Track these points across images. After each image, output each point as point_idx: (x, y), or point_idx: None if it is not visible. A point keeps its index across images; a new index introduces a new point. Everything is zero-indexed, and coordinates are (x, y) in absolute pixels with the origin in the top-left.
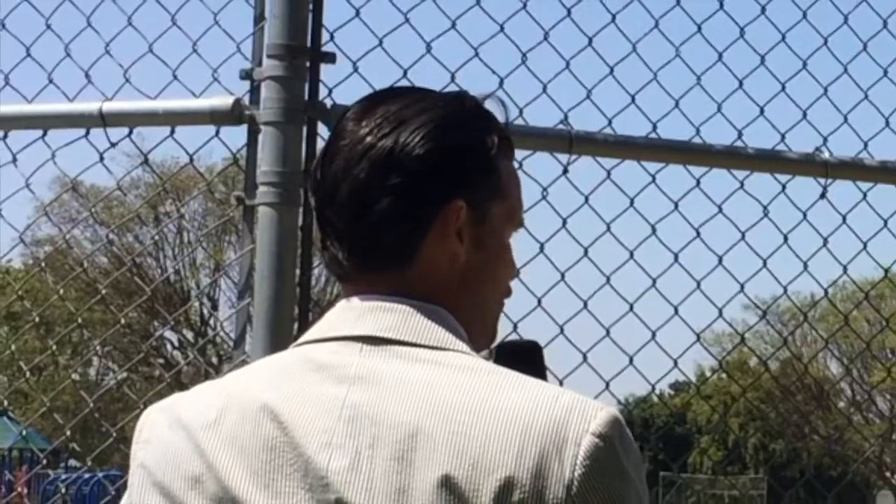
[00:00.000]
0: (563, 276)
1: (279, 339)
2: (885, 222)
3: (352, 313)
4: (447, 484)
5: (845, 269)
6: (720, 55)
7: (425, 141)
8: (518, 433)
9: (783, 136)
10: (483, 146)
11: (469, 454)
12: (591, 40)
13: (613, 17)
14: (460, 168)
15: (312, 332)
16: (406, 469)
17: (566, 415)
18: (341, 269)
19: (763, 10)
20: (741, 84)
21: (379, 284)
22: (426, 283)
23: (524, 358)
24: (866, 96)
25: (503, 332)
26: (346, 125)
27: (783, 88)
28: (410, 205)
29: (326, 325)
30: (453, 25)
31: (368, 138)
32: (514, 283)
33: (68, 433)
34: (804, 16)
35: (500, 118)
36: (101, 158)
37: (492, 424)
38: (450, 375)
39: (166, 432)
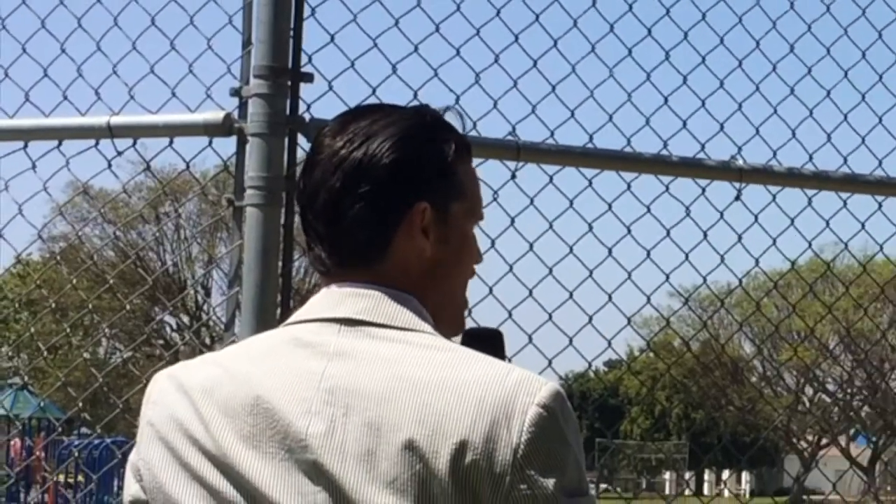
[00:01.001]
0: (511, 267)
1: (264, 322)
2: (792, 221)
3: (331, 299)
4: (410, 447)
5: (757, 261)
6: (648, 75)
7: (390, 152)
8: (473, 404)
9: (703, 146)
10: (442, 153)
11: (430, 421)
12: (535, 63)
13: (555, 42)
14: (422, 174)
15: (297, 315)
16: (375, 434)
17: (515, 388)
18: (324, 266)
19: (685, 35)
20: (666, 101)
21: (356, 277)
22: (398, 276)
23: (488, 343)
24: (775, 111)
25: None
26: (324, 140)
27: (703, 105)
28: (379, 209)
29: (309, 308)
30: (415, 50)
31: (342, 151)
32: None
33: (80, 404)
34: (721, 41)
35: (458, 127)
36: (109, 165)
37: (450, 396)
38: (415, 352)
39: (172, 396)
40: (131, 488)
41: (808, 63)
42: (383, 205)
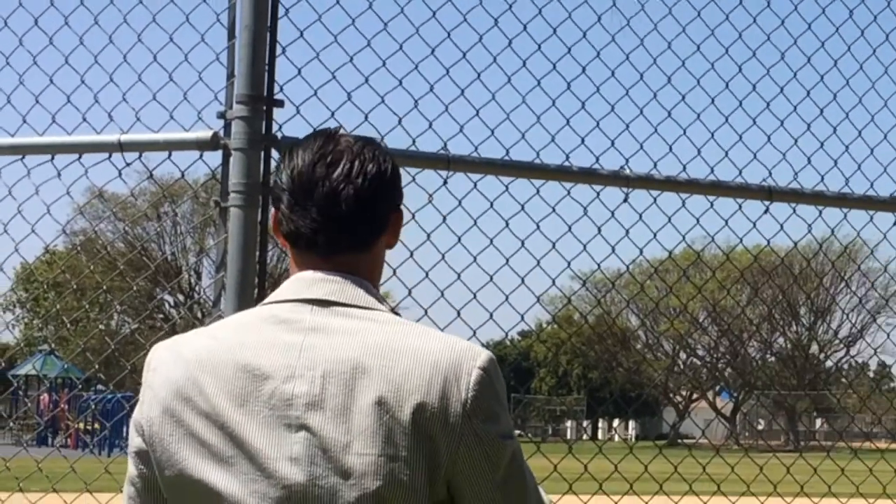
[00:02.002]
0: (443, 256)
1: (244, 300)
2: (669, 219)
3: (302, 283)
4: (379, 403)
5: (641, 251)
6: (553, 102)
7: (392, 165)
8: (429, 367)
9: (597, 158)
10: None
11: (394, 382)
12: (462, 92)
13: (479, 75)
14: (399, 185)
15: (273, 297)
16: (349, 393)
17: (461, 355)
18: (314, 246)
19: (583, 69)
20: (568, 122)
21: (335, 264)
22: (367, 265)
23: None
24: (655, 130)
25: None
26: (327, 148)
27: (598, 125)
28: (384, 213)
29: (283, 291)
30: (366, 81)
31: (357, 160)
32: (408, 261)
33: (96, 366)
34: (612, 74)
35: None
36: (119, 174)
37: (410, 361)
38: (377, 327)
39: (169, 364)
40: (135, 441)
41: (681, 90)
42: (385, 213)
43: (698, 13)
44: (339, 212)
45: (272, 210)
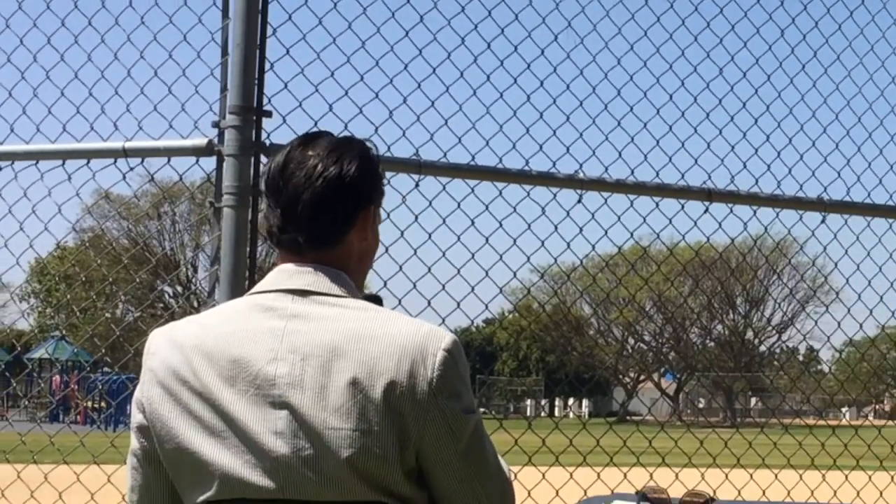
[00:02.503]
0: (415, 251)
1: (236, 291)
2: (619, 218)
3: (284, 275)
4: (353, 382)
5: (593, 247)
6: (514, 112)
7: (357, 169)
8: (398, 350)
9: (554, 163)
10: (377, 170)
11: (367, 364)
12: (433, 103)
13: (447, 88)
14: (373, 184)
15: (258, 287)
16: (326, 374)
17: (427, 338)
18: (295, 244)
19: (541, 83)
20: (528, 130)
21: (312, 257)
22: (341, 258)
23: (375, 301)
24: (606, 138)
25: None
26: (297, 153)
27: (554, 133)
28: (347, 211)
29: (266, 282)
30: (346, 93)
31: (320, 165)
32: (384, 256)
33: (103, 350)
34: (567, 87)
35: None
36: (124, 177)
37: (381, 344)
38: (351, 314)
39: (166, 348)
40: (136, 418)
41: (630, 102)
42: (350, 209)
43: (644, 33)
44: (298, 213)
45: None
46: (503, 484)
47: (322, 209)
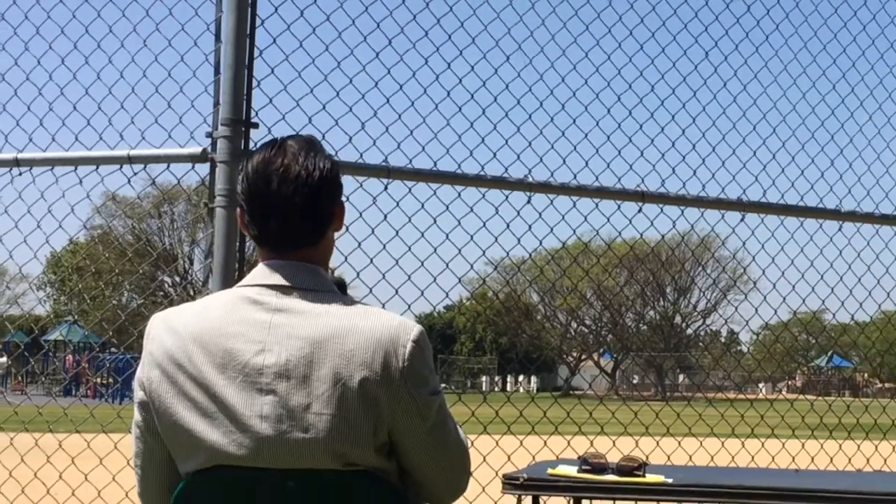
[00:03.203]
0: (384, 246)
1: (227, 281)
2: (563, 217)
3: (268, 270)
4: (334, 372)
5: (541, 242)
6: (472, 124)
7: (331, 171)
8: (373, 343)
9: (506, 168)
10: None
11: (345, 355)
12: (400, 116)
13: (412, 103)
14: (340, 185)
15: (244, 281)
16: (309, 364)
17: (398, 331)
18: (278, 243)
19: (495, 98)
20: (483, 140)
21: (293, 254)
22: (318, 255)
23: (341, 287)
24: (552, 147)
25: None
26: (273, 156)
27: (507, 142)
28: (329, 207)
29: (252, 277)
30: (324, 108)
31: (307, 166)
32: (357, 250)
33: (110, 333)
34: (518, 102)
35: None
36: (129, 181)
37: (358, 338)
38: (330, 309)
39: (164, 333)
40: (138, 394)
41: (573, 115)
42: (331, 206)
43: (586, 54)
44: (295, 220)
45: (238, 210)
46: (462, 452)
47: (310, 215)
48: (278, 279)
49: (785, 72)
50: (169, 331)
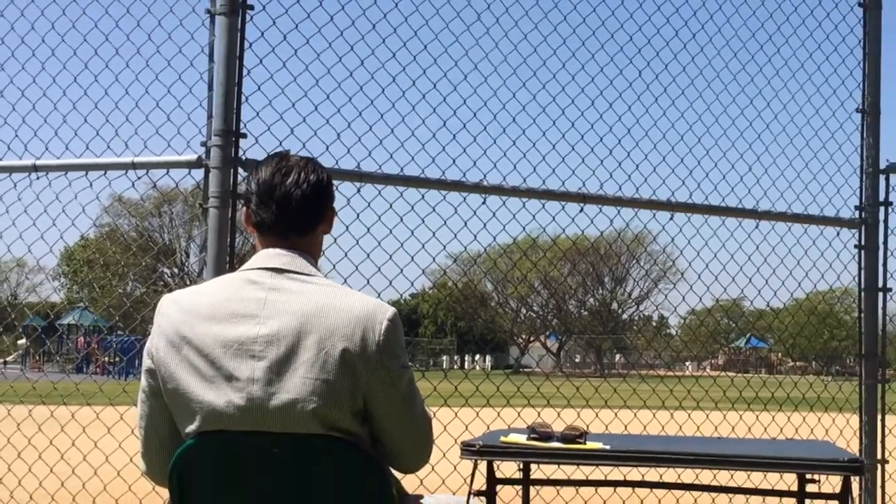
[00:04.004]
0: (357, 242)
1: (219, 273)
2: (514, 216)
3: (266, 256)
4: (318, 343)
5: (494, 238)
6: (434, 135)
7: (326, 176)
8: (353, 319)
9: (464, 174)
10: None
11: (329, 329)
12: (371, 127)
13: (381, 115)
14: (331, 190)
15: (247, 265)
16: (297, 335)
17: (375, 310)
18: (275, 230)
19: (454, 112)
20: (444, 148)
21: (287, 243)
22: (309, 245)
23: None
24: (504, 154)
25: (326, 269)
26: (280, 165)
27: (464, 151)
28: (321, 210)
29: (253, 261)
30: (304, 120)
31: (305, 173)
32: (333, 245)
33: (117, 318)
34: (483, 113)
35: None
36: (133, 184)
37: (340, 315)
38: (317, 289)
39: (172, 309)
40: (146, 362)
41: (522, 126)
42: (322, 209)
43: (534, 73)
44: (291, 208)
45: (243, 208)
46: (427, 422)
47: (308, 206)
48: (274, 263)
49: (709, 89)
50: (177, 307)
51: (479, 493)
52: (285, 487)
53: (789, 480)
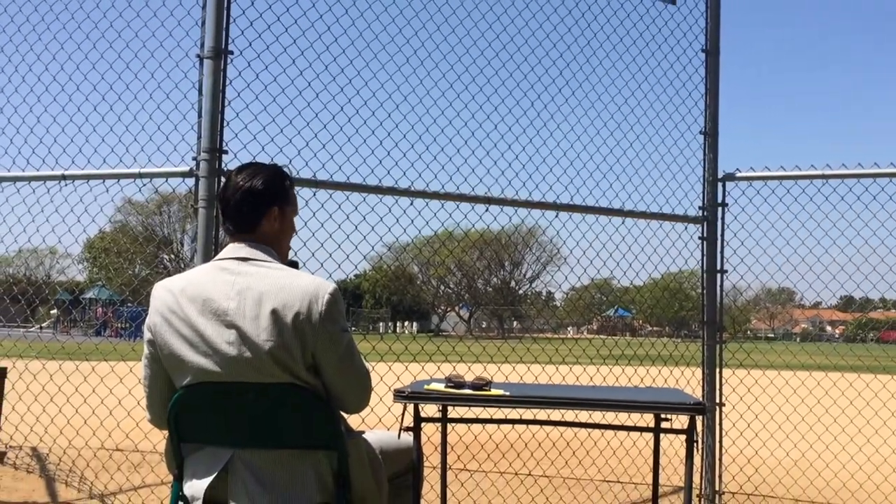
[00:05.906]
0: (313, 234)
1: (206, 258)
2: (435, 214)
3: (233, 248)
4: (274, 312)
5: (420, 231)
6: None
7: (263, 184)
8: (301, 294)
9: (396, 181)
10: (284, 184)
11: (282, 301)
12: (324, 146)
13: (332, 136)
14: (275, 193)
15: (219, 255)
16: (259, 307)
17: (319, 287)
18: (231, 231)
19: (397, 126)
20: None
21: (245, 238)
22: (264, 238)
23: (293, 265)
24: (427, 166)
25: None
26: (232, 177)
27: (396, 164)
28: (257, 210)
29: (224, 252)
30: (272, 140)
31: (241, 183)
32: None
33: (128, 293)
34: (411, 127)
35: (289, 173)
36: (139, 189)
37: (291, 291)
38: (273, 272)
39: (164, 292)
40: (146, 335)
41: (449, 136)
42: (260, 208)
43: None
44: (231, 211)
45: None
46: (364, 374)
47: (241, 209)
48: (240, 254)
49: (586, 116)
50: (167, 291)
51: (408, 429)
52: (258, 424)
53: (648, 419)
